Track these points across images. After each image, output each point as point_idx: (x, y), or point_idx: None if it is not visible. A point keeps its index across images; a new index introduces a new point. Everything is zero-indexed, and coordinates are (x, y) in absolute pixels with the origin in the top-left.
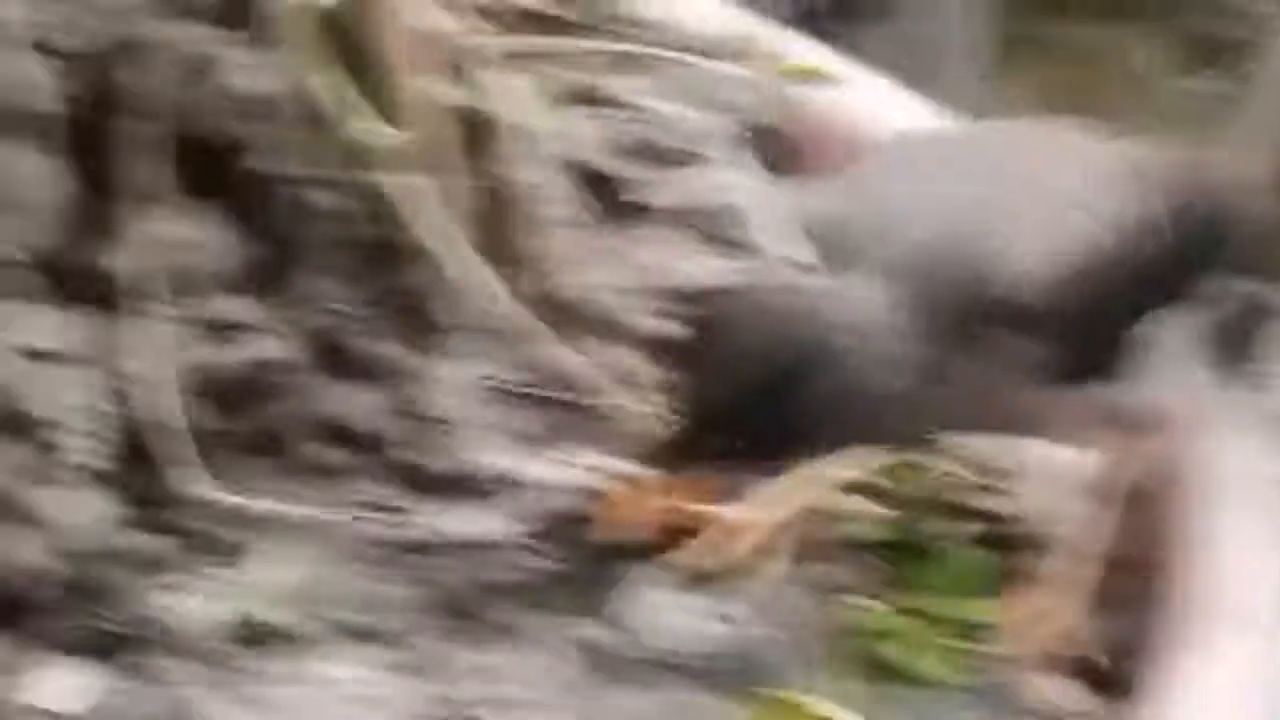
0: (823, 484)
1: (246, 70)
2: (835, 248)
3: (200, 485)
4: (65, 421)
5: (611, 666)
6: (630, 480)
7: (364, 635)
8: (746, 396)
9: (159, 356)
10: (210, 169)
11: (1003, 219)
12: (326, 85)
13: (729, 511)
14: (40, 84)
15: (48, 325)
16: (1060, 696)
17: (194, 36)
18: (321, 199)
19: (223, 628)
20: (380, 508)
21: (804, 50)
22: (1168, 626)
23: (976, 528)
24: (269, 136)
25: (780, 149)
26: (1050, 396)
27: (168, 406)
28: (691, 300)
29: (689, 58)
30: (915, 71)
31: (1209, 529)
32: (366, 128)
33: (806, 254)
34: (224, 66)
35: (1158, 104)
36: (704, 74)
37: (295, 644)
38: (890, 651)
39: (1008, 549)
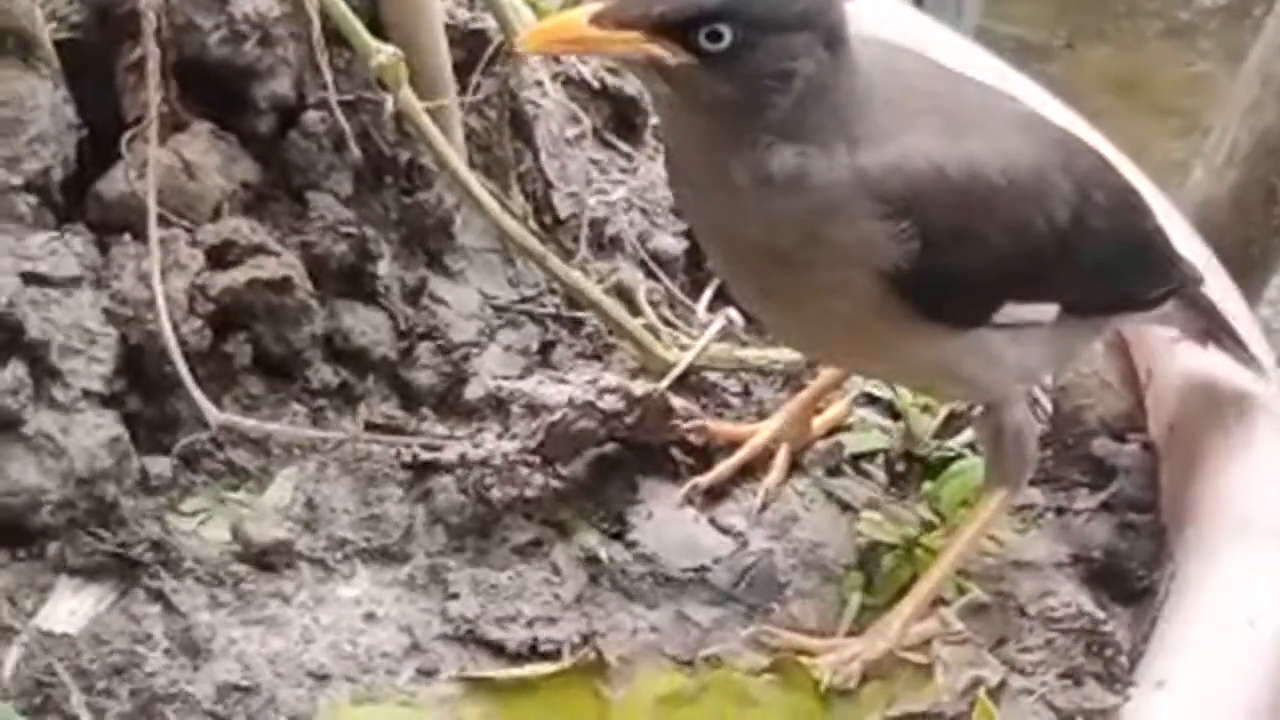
0: (837, 396)
1: None
2: None
3: (202, 407)
4: (67, 344)
5: (618, 582)
6: None
7: (369, 554)
8: None
9: (160, 279)
10: (210, 91)
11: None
12: (326, 6)
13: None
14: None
15: (47, 249)
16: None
17: None
18: (321, 120)
19: (228, 548)
20: (383, 427)
21: None
22: (1182, 535)
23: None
24: (270, 58)
25: None
26: None
27: (169, 329)
28: None
29: None
30: None
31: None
32: (363, 47)
33: None
34: None
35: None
36: None
37: (300, 563)
38: (900, 565)
39: None
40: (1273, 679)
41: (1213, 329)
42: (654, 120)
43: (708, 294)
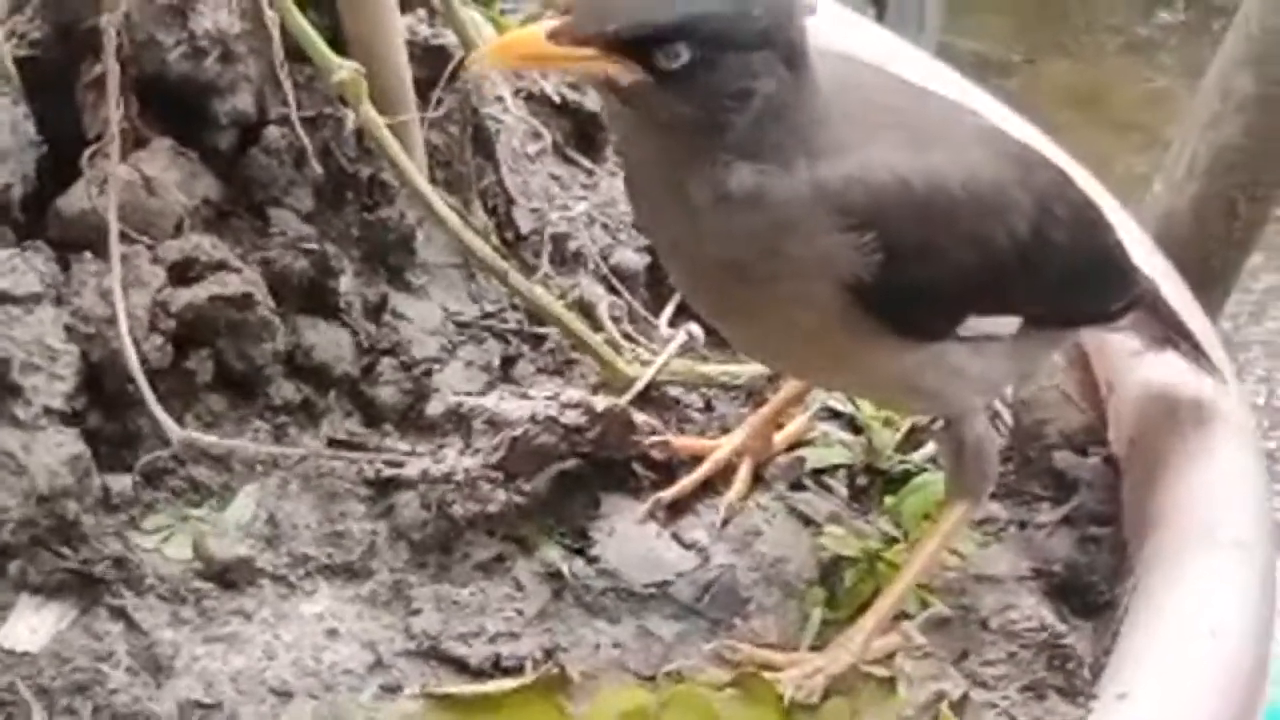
0: (799, 410)
1: (208, 8)
2: None
3: (163, 424)
4: (28, 361)
5: (580, 597)
6: None
7: (331, 570)
8: None
9: (121, 296)
10: (171, 108)
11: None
12: (287, 22)
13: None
14: None
15: (8, 266)
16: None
17: None
18: (283, 136)
19: (189, 566)
20: (344, 443)
21: None
22: (1143, 547)
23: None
24: (230, 74)
25: None
26: None
27: (130, 346)
28: None
29: None
30: None
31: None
32: (324, 62)
33: None
34: (187, 4)
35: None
36: None
37: (262, 580)
38: (862, 579)
39: None
40: (1235, 689)
41: (1172, 336)
42: (615, 136)
43: (669, 309)
